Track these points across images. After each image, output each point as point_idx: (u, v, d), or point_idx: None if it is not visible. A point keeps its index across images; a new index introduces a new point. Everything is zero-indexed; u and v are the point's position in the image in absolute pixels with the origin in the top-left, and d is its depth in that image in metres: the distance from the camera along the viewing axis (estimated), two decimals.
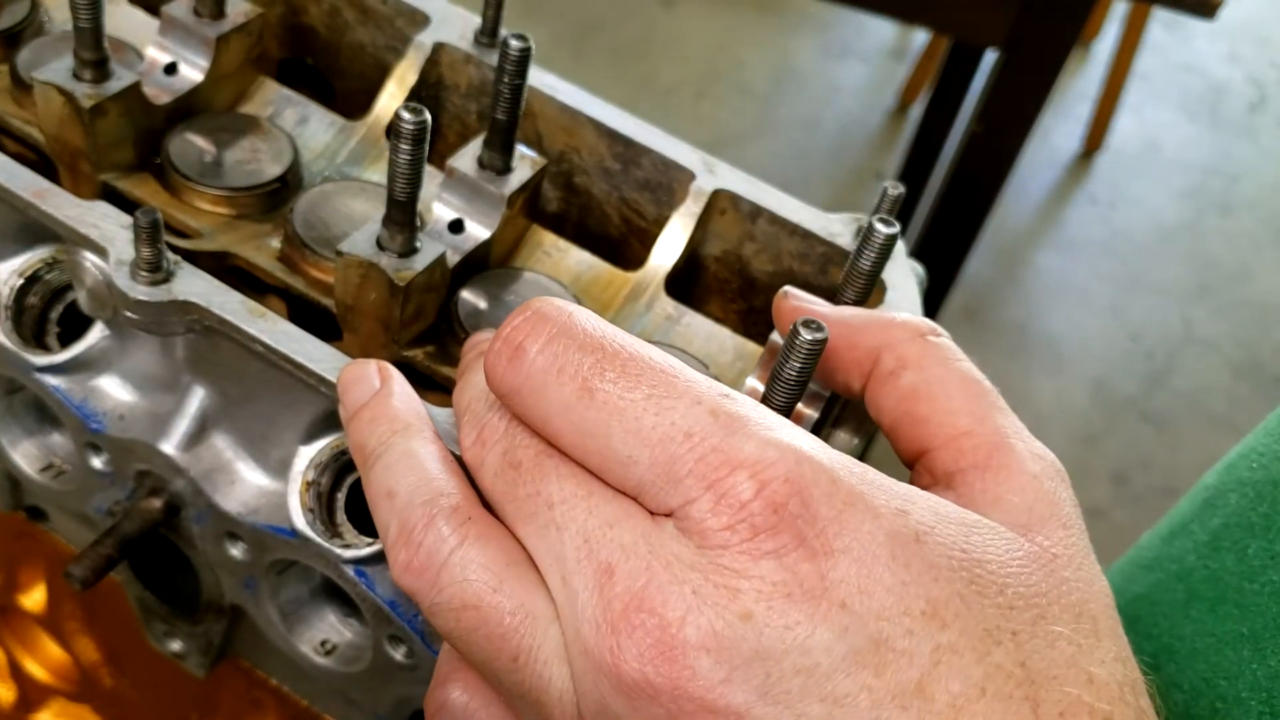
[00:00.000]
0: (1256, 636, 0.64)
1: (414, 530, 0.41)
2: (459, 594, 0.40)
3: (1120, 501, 2.57)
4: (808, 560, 0.36)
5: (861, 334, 0.47)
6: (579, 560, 0.38)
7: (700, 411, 0.38)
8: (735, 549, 0.36)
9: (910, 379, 0.46)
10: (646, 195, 0.67)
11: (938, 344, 0.46)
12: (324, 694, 0.66)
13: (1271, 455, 0.68)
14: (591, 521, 0.38)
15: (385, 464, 0.44)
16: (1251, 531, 0.67)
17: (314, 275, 0.61)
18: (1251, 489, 0.69)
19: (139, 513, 0.58)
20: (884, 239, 0.52)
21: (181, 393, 0.58)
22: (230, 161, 0.64)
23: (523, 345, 0.40)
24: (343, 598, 0.60)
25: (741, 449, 0.37)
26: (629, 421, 0.38)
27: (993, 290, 2.95)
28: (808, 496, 0.36)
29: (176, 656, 0.68)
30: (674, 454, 0.37)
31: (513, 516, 0.41)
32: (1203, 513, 0.73)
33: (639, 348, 0.40)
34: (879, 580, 0.36)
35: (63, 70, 0.59)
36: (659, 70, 3.24)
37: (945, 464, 0.44)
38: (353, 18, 0.72)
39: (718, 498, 0.36)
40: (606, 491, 0.39)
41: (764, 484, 0.36)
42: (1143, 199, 3.27)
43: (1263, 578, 0.65)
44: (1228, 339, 2.97)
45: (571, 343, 0.39)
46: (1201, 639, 0.67)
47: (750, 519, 0.36)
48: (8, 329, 0.59)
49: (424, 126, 0.52)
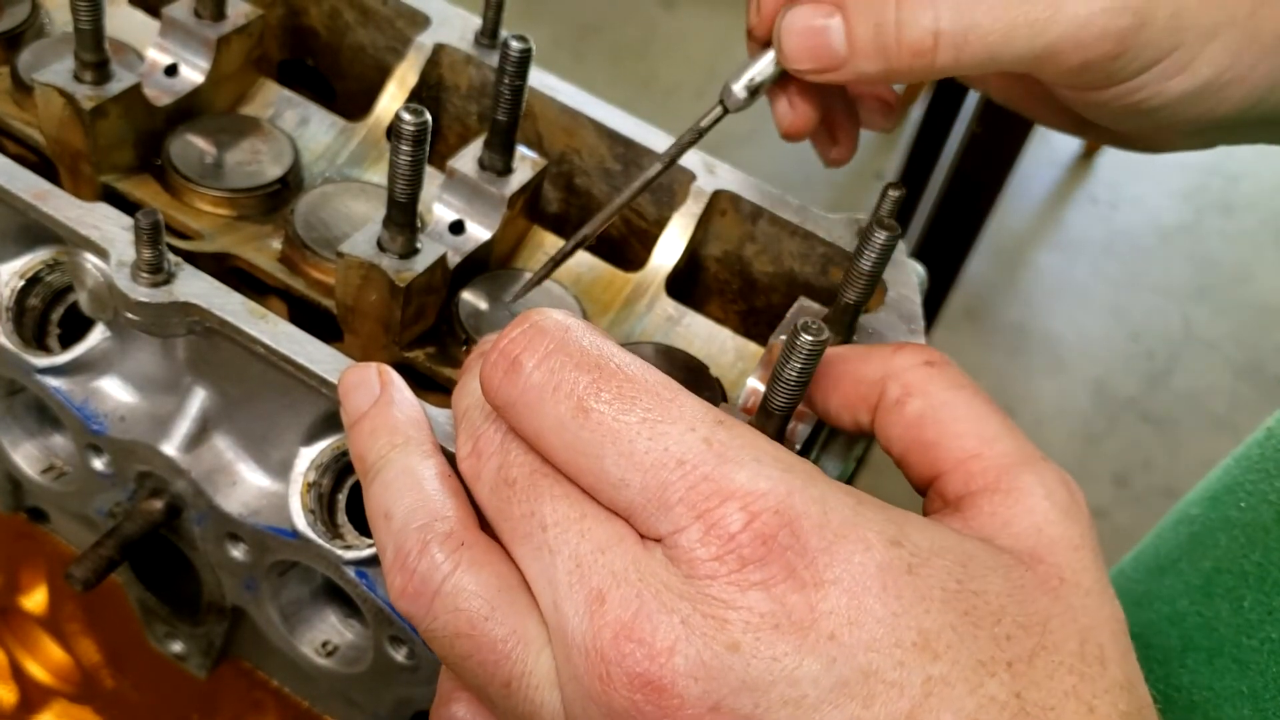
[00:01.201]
0: (1257, 695, 0.64)
1: (408, 556, 0.41)
2: (452, 622, 0.40)
3: (1121, 502, 2.57)
4: (796, 591, 0.36)
5: (864, 367, 0.47)
6: (571, 585, 0.38)
7: (694, 439, 0.38)
8: (723, 579, 0.36)
9: (916, 406, 0.45)
10: (647, 196, 0.68)
11: (942, 370, 0.46)
12: (325, 695, 0.66)
13: (1259, 496, 0.68)
14: (584, 546, 0.38)
15: (383, 481, 0.44)
16: (1245, 581, 0.67)
17: (315, 276, 0.61)
18: (1241, 532, 0.68)
19: (140, 514, 0.58)
20: (884, 240, 0.52)
21: (182, 394, 0.58)
22: (231, 163, 0.64)
23: (519, 359, 0.40)
24: (344, 599, 0.60)
25: (733, 479, 0.37)
26: (622, 444, 0.38)
27: (993, 291, 2.95)
28: (798, 528, 0.36)
29: (178, 658, 0.68)
30: (665, 480, 0.37)
31: (508, 535, 0.41)
32: (1191, 551, 0.73)
33: (636, 367, 0.39)
34: (869, 611, 0.36)
35: (63, 72, 0.59)
36: (659, 71, 3.24)
37: (955, 488, 0.43)
38: (353, 19, 0.72)
39: (707, 528, 0.36)
40: (600, 514, 0.39)
41: (754, 515, 0.36)
42: (1143, 199, 3.27)
43: (1260, 634, 0.64)
44: (1228, 339, 2.97)
45: (568, 360, 0.39)
46: (1199, 692, 0.67)
47: (739, 550, 0.36)
48: (9, 330, 0.59)
49: (424, 127, 0.52)
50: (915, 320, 0.60)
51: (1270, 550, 0.66)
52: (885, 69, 0.50)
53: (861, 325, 0.58)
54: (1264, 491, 0.68)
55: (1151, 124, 0.54)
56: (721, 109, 0.56)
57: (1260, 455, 0.70)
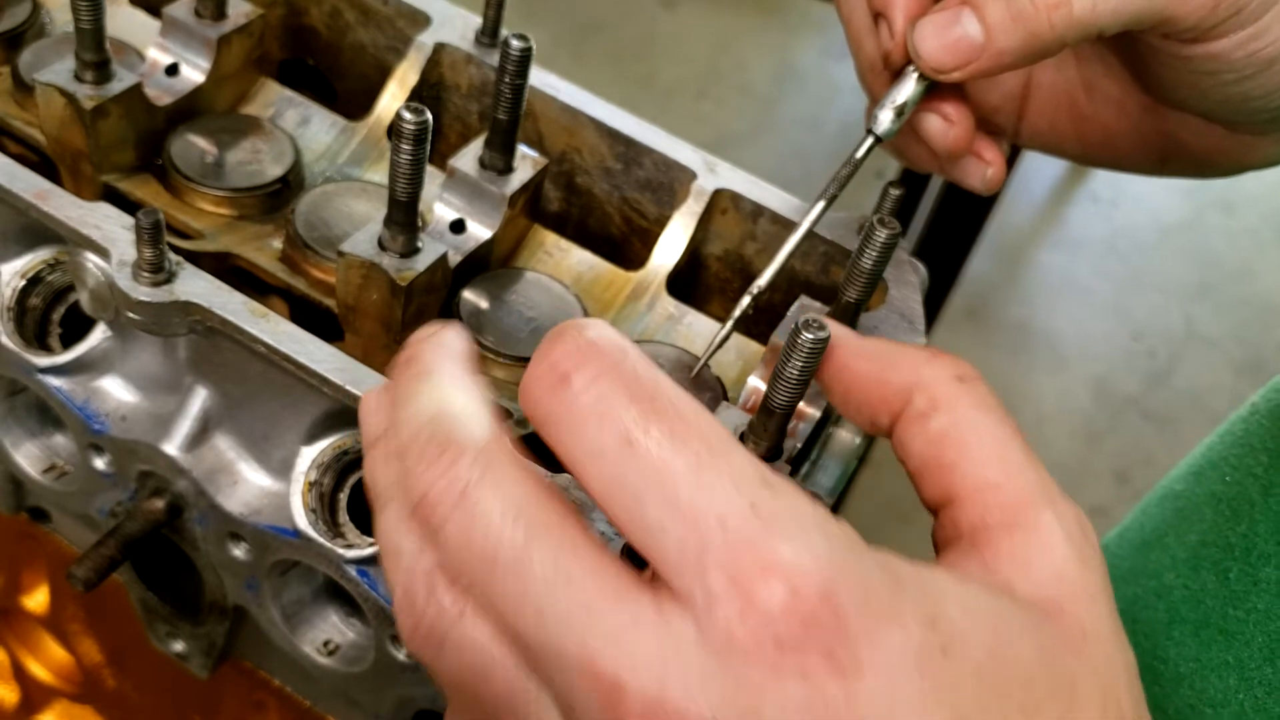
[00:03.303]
0: (1242, 665, 0.64)
1: (416, 598, 0.39)
2: (459, 669, 0.39)
3: (1122, 500, 2.57)
4: (835, 679, 0.34)
5: (894, 370, 0.45)
6: (581, 675, 0.35)
7: (740, 501, 0.35)
8: (759, 663, 0.34)
9: (941, 423, 0.43)
10: (648, 195, 0.68)
11: (973, 388, 0.44)
12: (327, 695, 0.66)
13: (1244, 470, 0.68)
14: (593, 636, 0.35)
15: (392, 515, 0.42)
16: (1231, 554, 0.67)
17: (316, 276, 0.61)
18: (1227, 506, 0.68)
19: (141, 514, 0.58)
20: (885, 238, 0.52)
21: (184, 393, 0.58)
22: (232, 162, 0.64)
23: (569, 375, 0.37)
24: (345, 598, 0.60)
25: (777, 551, 0.35)
26: (667, 489, 0.36)
27: (994, 289, 2.95)
28: (841, 609, 0.34)
29: (179, 657, 0.68)
30: (706, 539, 0.35)
31: None
32: (1177, 525, 0.73)
33: (689, 408, 0.37)
34: (905, 700, 0.35)
35: (64, 72, 0.60)
36: (659, 70, 3.24)
37: (970, 518, 0.42)
38: (354, 18, 0.72)
39: (746, 602, 0.34)
40: (606, 599, 0.36)
41: (796, 593, 0.34)
42: (1144, 197, 3.26)
43: (1246, 605, 0.65)
44: (1230, 337, 2.97)
45: (621, 386, 0.37)
46: (1186, 664, 0.67)
47: (778, 630, 0.34)
48: (10, 330, 0.59)
49: (425, 127, 0.52)
50: (916, 319, 0.60)
51: (1255, 523, 0.66)
52: (1025, 36, 0.51)
53: (862, 324, 0.58)
54: (1248, 465, 0.68)
55: (1262, 93, 0.54)
56: (873, 138, 0.56)
57: (1244, 430, 0.70)
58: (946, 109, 0.57)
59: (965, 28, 0.52)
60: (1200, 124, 0.59)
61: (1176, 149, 0.61)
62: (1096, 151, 0.63)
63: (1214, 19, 0.51)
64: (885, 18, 0.56)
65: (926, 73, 0.54)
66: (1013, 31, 0.51)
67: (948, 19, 0.53)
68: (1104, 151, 0.63)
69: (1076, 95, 0.61)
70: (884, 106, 0.55)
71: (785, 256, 0.56)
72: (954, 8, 0.53)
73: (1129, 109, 0.60)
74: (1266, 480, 0.66)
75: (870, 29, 0.57)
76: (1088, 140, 0.62)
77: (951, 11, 0.53)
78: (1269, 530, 0.65)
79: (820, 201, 0.57)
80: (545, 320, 0.61)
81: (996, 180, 0.60)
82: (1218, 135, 0.59)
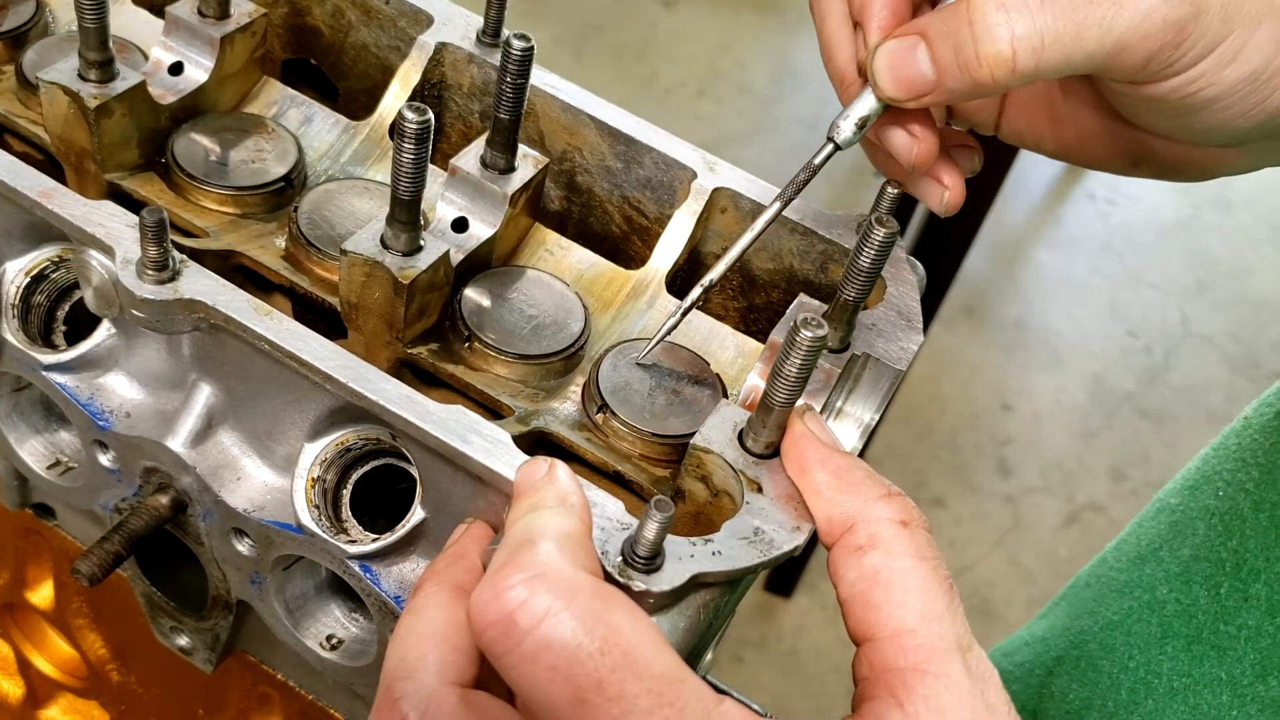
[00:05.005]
0: (1235, 681, 0.64)
1: (380, 710, 0.44)
2: None
3: (1118, 496, 2.58)
4: None
5: (848, 495, 0.48)
6: None
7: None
8: None
9: (875, 561, 0.46)
10: (648, 194, 0.68)
11: (913, 535, 0.47)
12: (330, 689, 0.66)
13: (1236, 485, 0.69)
14: None
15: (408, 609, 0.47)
16: (1223, 568, 0.67)
17: (319, 274, 0.62)
18: (1219, 520, 0.69)
19: (146, 509, 0.59)
20: (883, 237, 0.52)
21: (188, 390, 0.58)
22: (235, 161, 0.65)
23: (514, 618, 0.39)
24: (348, 593, 0.61)
25: None
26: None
27: (991, 287, 2.96)
28: None
29: (183, 652, 0.68)
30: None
31: None
32: (1171, 540, 0.73)
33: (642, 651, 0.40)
34: None
35: (68, 70, 0.60)
36: (660, 70, 3.24)
37: (886, 659, 0.45)
38: (356, 18, 0.72)
39: None
40: None
41: None
42: (1141, 196, 3.27)
43: (1237, 620, 0.65)
44: (1225, 335, 2.98)
45: (568, 636, 0.39)
46: (1179, 679, 0.68)
47: None
48: (15, 327, 0.59)
49: (427, 126, 0.52)
50: (914, 317, 0.60)
51: (1246, 538, 0.66)
52: (972, 84, 0.52)
53: (861, 321, 0.58)
54: (1240, 480, 0.68)
55: (1206, 126, 0.55)
56: (832, 145, 0.57)
57: (1237, 445, 0.71)
58: (912, 125, 0.58)
59: (919, 64, 0.53)
60: (1166, 139, 0.61)
61: (1147, 155, 0.62)
62: (1072, 151, 0.64)
63: (1150, 70, 0.52)
64: (862, 29, 0.57)
65: (879, 97, 0.55)
66: (959, 76, 0.52)
67: (904, 50, 0.53)
68: (1079, 151, 0.64)
69: (1054, 98, 0.62)
70: (847, 117, 0.56)
71: (737, 254, 0.58)
72: (910, 37, 0.53)
73: (1102, 114, 0.61)
74: (1258, 495, 0.67)
75: (848, 36, 0.58)
76: (1063, 140, 0.63)
77: (909, 41, 0.53)
78: (1259, 546, 0.65)
79: (776, 203, 0.58)
80: (546, 318, 0.62)
81: (954, 204, 0.61)
82: (1184, 148, 0.61)
